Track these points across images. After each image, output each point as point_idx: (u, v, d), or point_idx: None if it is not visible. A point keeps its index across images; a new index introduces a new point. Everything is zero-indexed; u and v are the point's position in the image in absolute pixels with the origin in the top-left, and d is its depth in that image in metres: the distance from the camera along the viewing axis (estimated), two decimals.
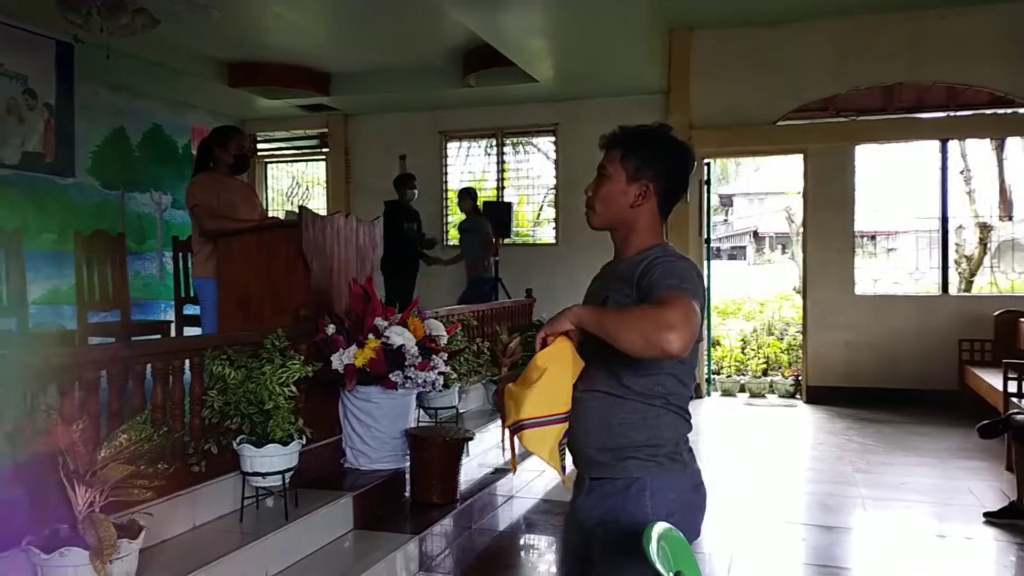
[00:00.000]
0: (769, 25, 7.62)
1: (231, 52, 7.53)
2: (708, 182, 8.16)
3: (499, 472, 4.66)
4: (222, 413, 3.10)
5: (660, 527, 1.50)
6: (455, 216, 9.12)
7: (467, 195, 7.89)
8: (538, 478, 4.81)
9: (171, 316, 6.32)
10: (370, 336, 3.77)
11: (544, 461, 1.75)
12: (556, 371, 1.72)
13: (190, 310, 5.74)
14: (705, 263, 8.14)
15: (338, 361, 3.68)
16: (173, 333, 5.76)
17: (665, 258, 1.73)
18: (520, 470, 4.71)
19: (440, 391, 4.12)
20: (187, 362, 3.14)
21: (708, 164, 8.19)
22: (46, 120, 5.73)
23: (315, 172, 9.86)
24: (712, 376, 8.53)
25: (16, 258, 4.88)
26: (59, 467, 2.33)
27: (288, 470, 3.13)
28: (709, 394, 8.33)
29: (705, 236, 8.14)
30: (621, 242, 1.85)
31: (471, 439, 4.02)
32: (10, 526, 2.38)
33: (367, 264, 4.46)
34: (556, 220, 8.67)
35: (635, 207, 1.79)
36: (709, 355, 8.45)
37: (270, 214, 7.79)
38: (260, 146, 9.82)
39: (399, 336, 3.78)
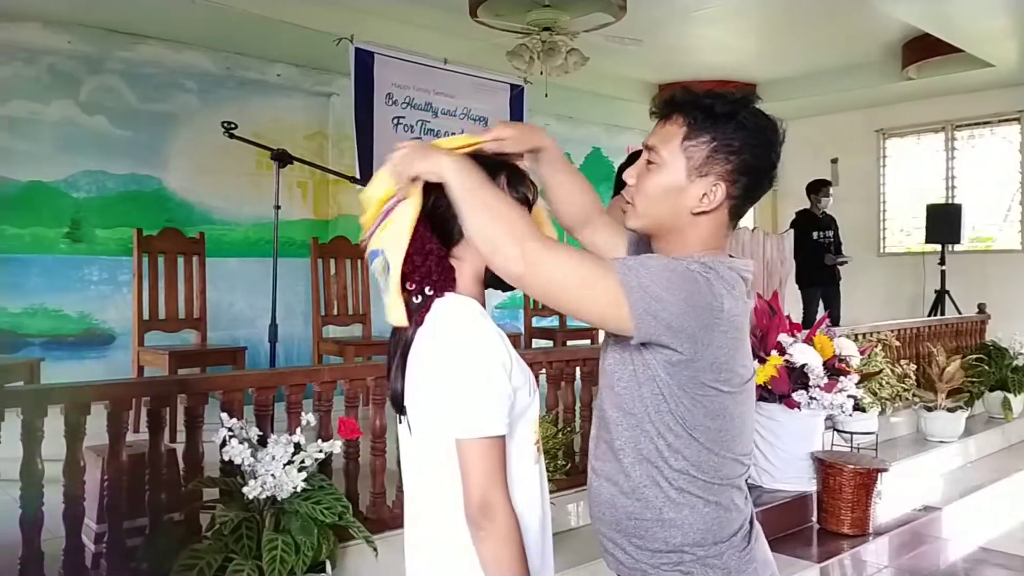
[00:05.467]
0: None
1: (659, 74, 7.94)
2: None
3: (927, 509, 4.19)
4: None
5: None
6: (892, 223, 8.36)
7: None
8: (973, 524, 4.22)
9: None
10: (773, 353, 3.72)
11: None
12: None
13: None
14: None
15: None
16: (602, 337, 6.31)
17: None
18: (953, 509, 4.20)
19: (851, 415, 3.87)
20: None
21: None
22: None
23: None
24: None
25: None
26: None
27: None
28: None
29: None
30: (658, 243, 1.37)
31: (886, 470, 3.70)
32: None
33: (774, 278, 4.39)
34: (1023, 223, 7.41)
35: (697, 214, 1.30)
36: None
37: None
38: None
39: (803, 354, 3.66)
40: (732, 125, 1.28)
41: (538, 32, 5.31)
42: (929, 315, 7.01)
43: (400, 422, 1.39)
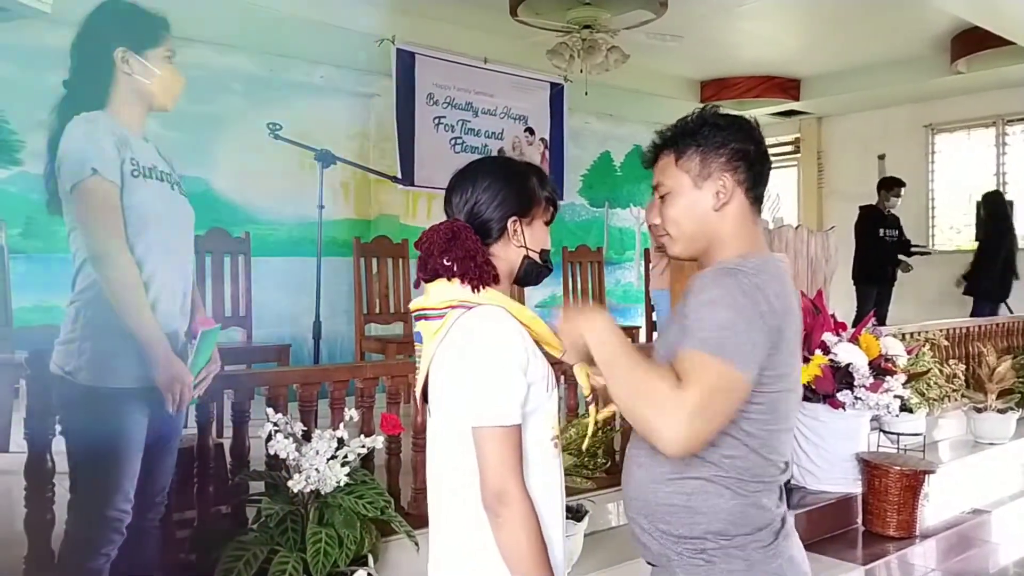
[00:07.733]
0: None
1: (701, 71, 7.88)
2: None
3: (976, 512, 4.10)
4: None
5: None
6: (942, 219, 8.17)
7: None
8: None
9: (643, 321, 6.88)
10: (817, 352, 3.66)
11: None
12: None
13: None
14: None
15: None
16: (643, 337, 6.28)
17: (711, 279, 1.33)
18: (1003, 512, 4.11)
19: (897, 415, 3.80)
20: None
21: None
22: (542, 152, 6.72)
23: (787, 179, 9.70)
24: None
25: None
26: None
27: None
28: None
29: None
30: (706, 260, 1.44)
31: (933, 472, 3.63)
32: None
33: (819, 275, 4.32)
34: None
35: (720, 209, 1.40)
36: None
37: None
38: None
39: (848, 354, 3.60)
40: (706, 129, 1.41)
41: (578, 30, 5.31)
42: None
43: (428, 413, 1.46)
